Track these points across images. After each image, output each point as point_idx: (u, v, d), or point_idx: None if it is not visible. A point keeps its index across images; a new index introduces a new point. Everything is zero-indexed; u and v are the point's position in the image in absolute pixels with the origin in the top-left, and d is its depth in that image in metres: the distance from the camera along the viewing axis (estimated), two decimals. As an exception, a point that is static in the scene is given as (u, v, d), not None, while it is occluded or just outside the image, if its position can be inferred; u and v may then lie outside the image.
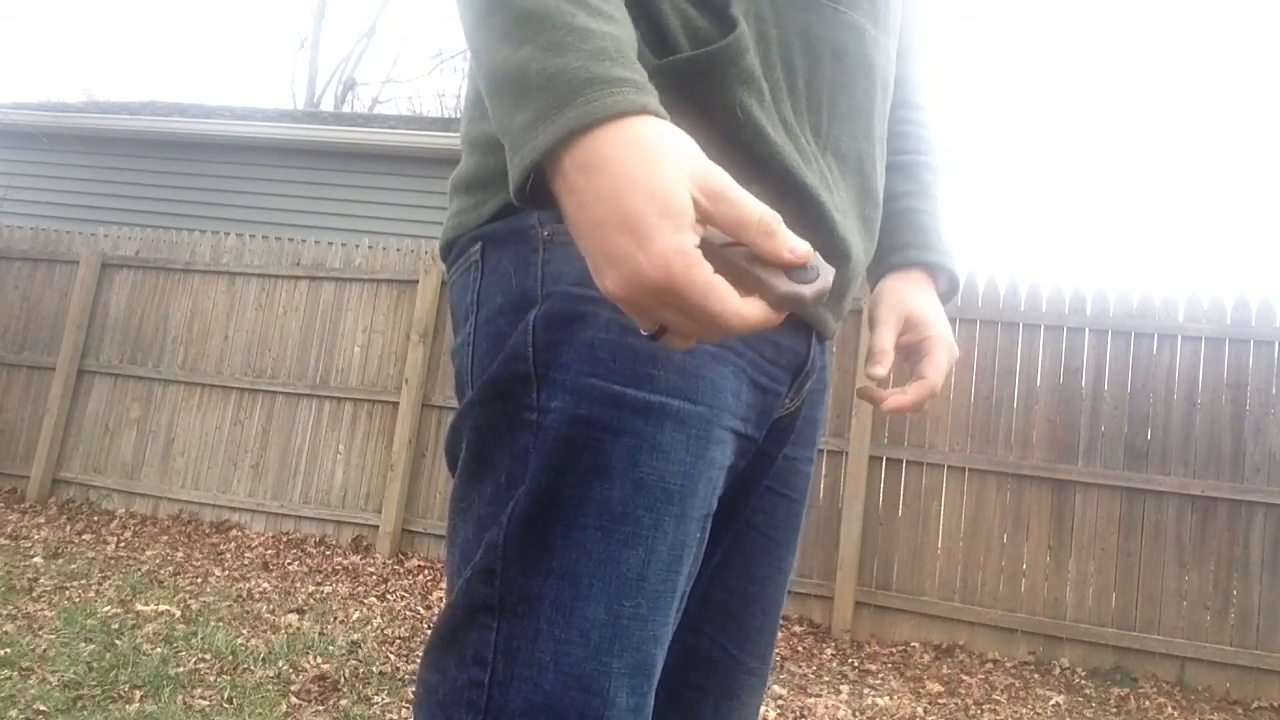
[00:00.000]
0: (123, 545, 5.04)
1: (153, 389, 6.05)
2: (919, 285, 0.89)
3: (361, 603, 4.28)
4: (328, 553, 5.24)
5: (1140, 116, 26.73)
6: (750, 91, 0.65)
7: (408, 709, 2.96)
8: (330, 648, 3.48)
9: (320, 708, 2.90)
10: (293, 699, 2.94)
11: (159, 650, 3.24)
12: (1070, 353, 4.57)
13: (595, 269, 0.51)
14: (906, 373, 0.88)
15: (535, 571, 0.59)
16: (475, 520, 0.63)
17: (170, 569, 4.57)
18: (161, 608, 3.78)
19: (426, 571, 5.01)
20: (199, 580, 4.42)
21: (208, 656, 3.23)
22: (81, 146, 8.41)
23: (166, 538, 5.31)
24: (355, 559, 5.14)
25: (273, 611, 3.95)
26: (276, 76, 35.12)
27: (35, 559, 4.49)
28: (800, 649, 4.26)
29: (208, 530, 5.56)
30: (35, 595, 3.84)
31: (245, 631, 3.60)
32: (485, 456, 0.64)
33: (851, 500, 4.63)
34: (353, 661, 3.37)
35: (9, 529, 5.11)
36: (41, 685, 2.78)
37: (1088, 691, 3.96)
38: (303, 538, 5.47)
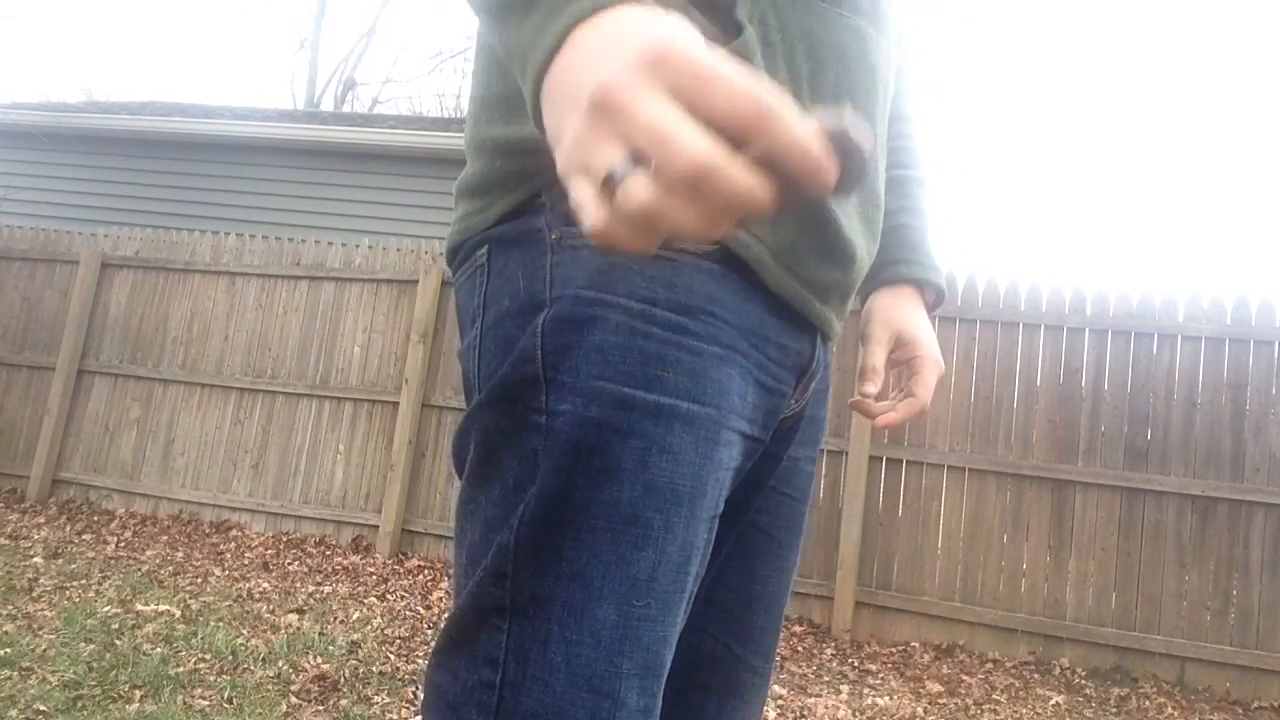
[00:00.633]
0: (123, 545, 5.04)
1: (153, 389, 6.04)
2: (909, 302, 0.93)
3: (361, 603, 4.28)
4: (328, 553, 5.24)
5: (1140, 116, 26.73)
6: None
7: (408, 709, 2.96)
8: (330, 648, 3.48)
9: (320, 708, 2.90)
10: (293, 699, 2.94)
11: (159, 650, 3.24)
12: (1070, 353, 4.57)
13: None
14: (897, 384, 0.93)
15: (546, 573, 0.59)
16: (483, 522, 0.63)
17: (170, 569, 4.57)
18: (161, 608, 3.78)
19: (426, 571, 5.01)
20: (199, 580, 4.41)
21: (208, 656, 3.23)
22: (81, 146, 8.41)
23: (166, 538, 5.31)
24: (355, 559, 5.14)
25: (273, 611, 3.95)
26: (276, 76, 35.13)
27: (35, 559, 4.49)
28: (800, 649, 4.26)
29: (208, 530, 5.56)
30: (35, 595, 3.84)
31: (245, 631, 3.60)
32: (493, 459, 0.64)
33: (851, 500, 4.63)
34: (353, 661, 3.37)
35: (9, 529, 5.11)
36: (41, 685, 2.78)
37: (1088, 691, 3.96)
38: (303, 538, 5.47)
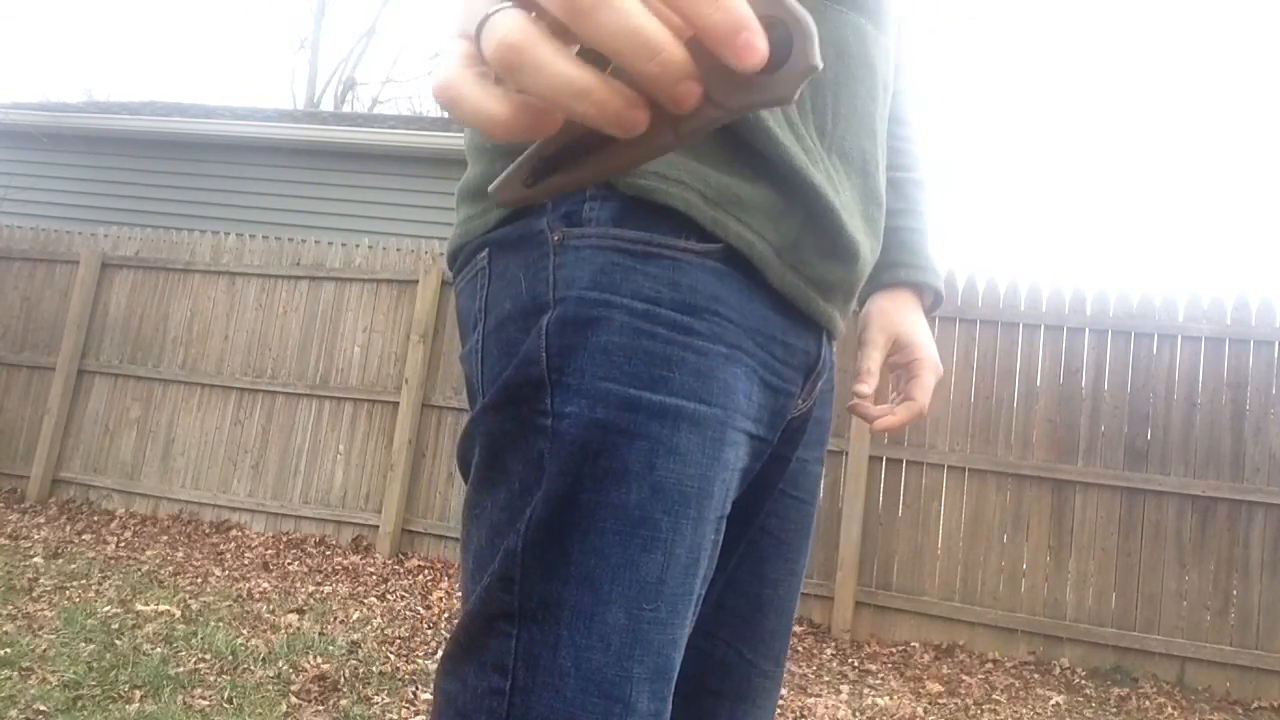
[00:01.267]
0: (123, 545, 5.04)
1: (153, 389, 6.04)
2: (907, 305, 0.93)
3: (361, 603, 4.28)
4: (328, 553, 5.24)
5: (1141, 116, 26.73)
6: None
7: (408, 709, 2.96)
8: (330, 648, 3.48)
9: (320, 708, 2.90)
10: (293, 699, 2.94)
11: (159, 650, 3.24)
12: (1070, 353, 4.57)
13: None
14: (895, 387, 0.93)
15: (554, 577, 0.59)
16: (489, 526, 0.63)
17: (170, 569, 4.57)
18: (161, 608, 3.78)
19: (426, 571, 5.01)
20: (199, 580, 4.41)
21: (208, 656, 3.23)
22: (81, 146, 8.41)
23: (166, 538, 5.31)
24: (355, 559, 5.14)
25: (273, 611, 3.95)
26: (276, 76, 35.15)
27: (35, 559, 4.49)
28: (800, 649, 4.26)
29: (208, 530, 5.56)
30: (35, 595, 3.84)
31: (245, 631, 3.60)
32: (498, 462, 0.63)
33: (851, 500, 4.63)
34: (353, 661, 3.37)
35: (9, 529, 5.11)
36: (41, 685, 2.78)
37: (1088, 691, 3.96)
38: (303, 538, 5.46)
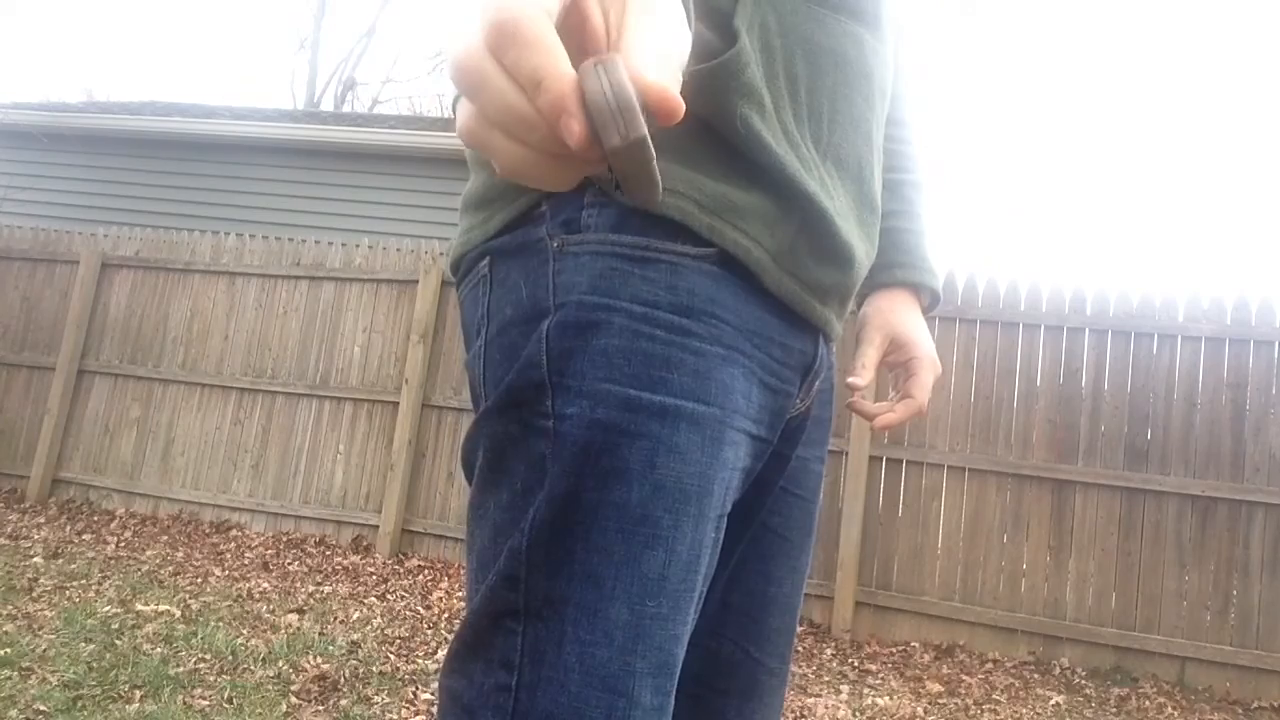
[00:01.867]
0: (123, 545, 5.04)
1: (153, 389, 6.04)
2: (904, 305, 0.95)
3: (361, 603, 4.28)
4: (328, 553, 5.24)
5: (1141, 116, 26.73)
6: (750, 103, 0.66)
7: (408, 709, 2.96)
8: (330, 648, 3.48)
9: (320, 708, 2.90)
10: (293, 699, 2.94)
11: (159, 650, 3.24)
12: (1070, 353, 4.57)
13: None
14: (894, 386, 0.95)
15: (559, 575, 0.59)
16: (492, 526, 0.64)
17: (170, 569, 4.57)
18: (161, 608, 3.78)
19: (426, 571, 5.01)
20: (199, 580, 4.41)
21: (208, 656, 3.23)
22: (81, 146, 8.41)
23: (166, 538, 5.31)
24: (355, 559, 5.14)
25: (273, 611, 3.95)
26: (276, 76, 35.15)
27: (35, 559, 4.49)
28: (800, 649, 4.26)
29: (208, 530, 5.56)
30: (35, 595, 3.84)
31: (245, 631, 3.60)
32: (501, 464, 0.64)
33: (851, 500, 4.63)
34: (353, 661, 3.37)
35: (9, 529, 5.11)
36: (41, 685, 2.78)
37: (1088, 691, 3.96)
38: (303, 538, 5.46)
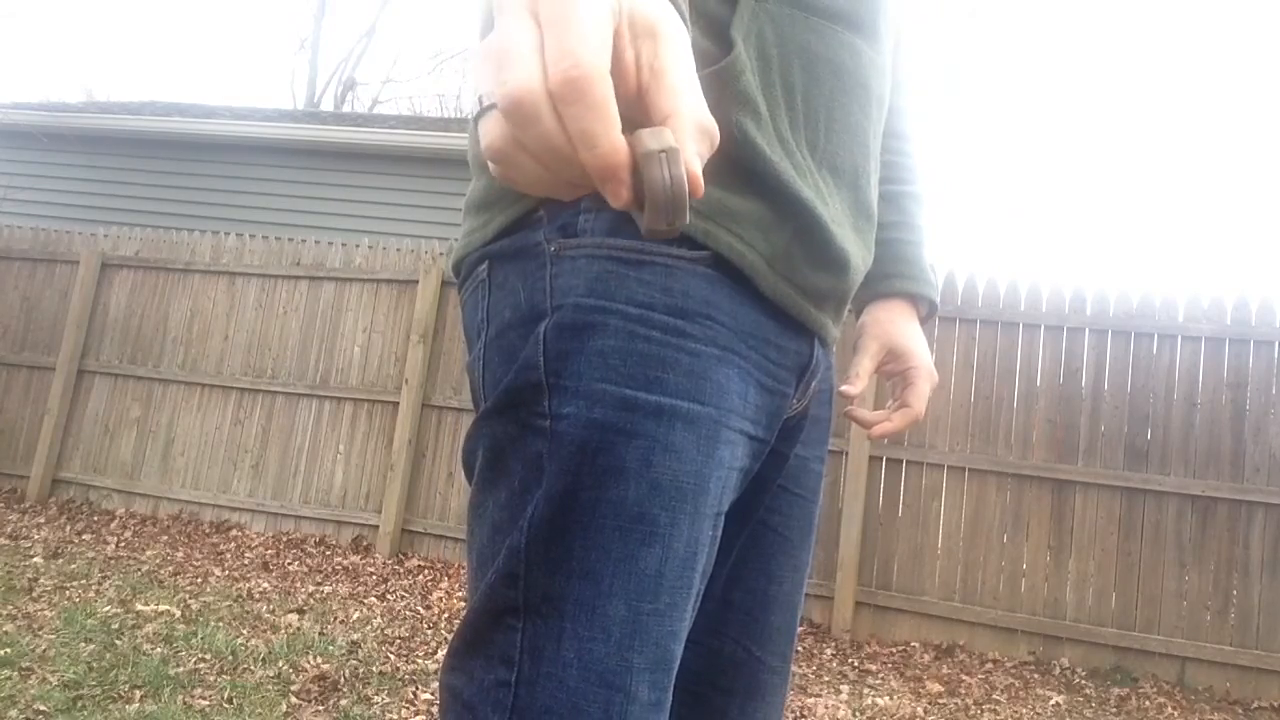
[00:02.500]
0: (123, 545, 5.04)
1: (153, 389, 6.04)
2: (902, 315, 0.96)
3: (361, 603, 4.28)
4: (328, 553, 5.24)
5: (1141, 116, 26.73)
6: (746, 111, 0.67)
7: (408, 709, 2.96)
8: (330, 648, 3.48)
9: (320, 708, 2.90)
10: (293, 699, 2.94)
11: (159, 650, 3.24)
12: (1070, 353, 4.57)
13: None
14: (893, 394, 0.97)
15: (557, 572, 0.61)
16: (490, 525, 0.65)
17: (170, 569, 4.57)
18: (161, 608, 3.78)
19: (426, 571, 5.01)
20: (199, 580, 4.41)
21: (208, 656, 3.23)
22: (81, 146, 8.41)
23: (166, 538, 5.31)
24: (355, 559, 5.14)
25: (273, 611, 3.95)
26: (276, 76, 35.12)
27: (35, 559, 4.49)
28: (800, 649, 4.26)
29: (208, 530, 5.56)
30: (35, 595, 3.84)
31: (245, 631, 3.60)
32: (499, 464, 0.65)
33: (851, 500, 4.63)
34: (353, 661, 3.37)
35: (9, 529, 5.11)
36: (41, 685, 2.78)
37: (1088, 691, 3.96)
38: (303, 538, 5.46)
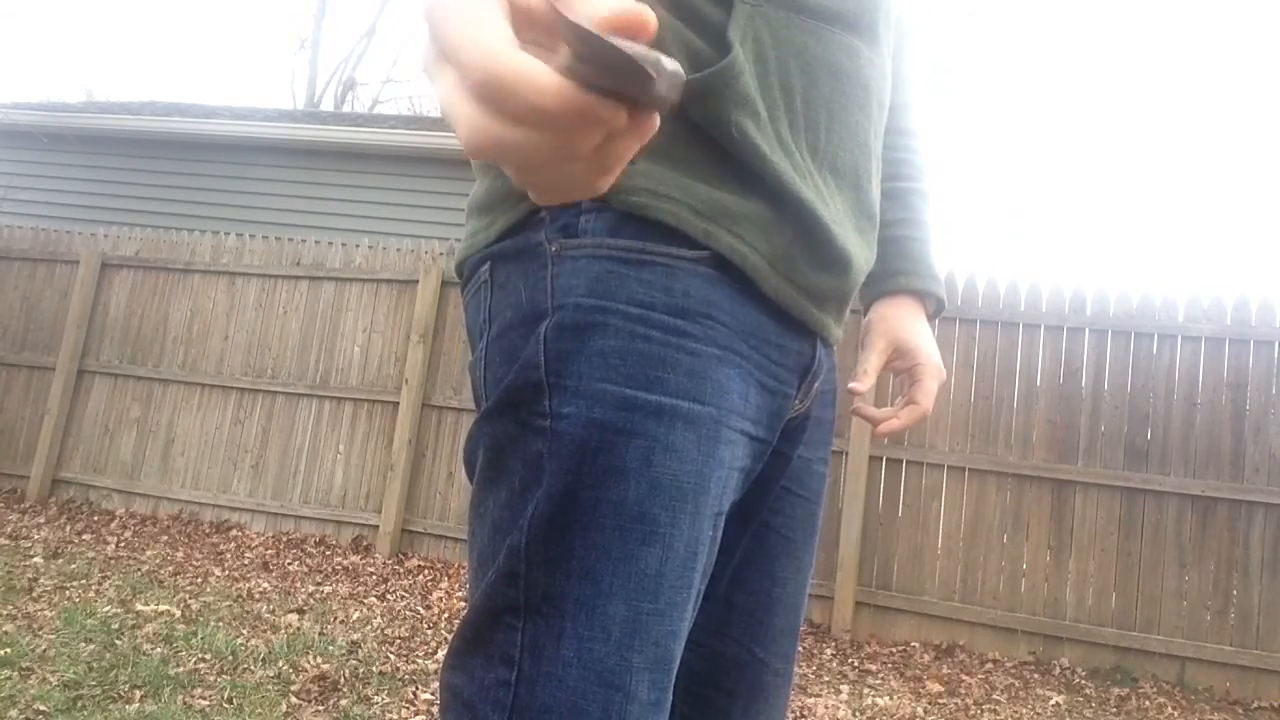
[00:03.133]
0: (123, 545, 5.04)
1: (153, 389, 6.04)
2: (909, 312, 0.96)
3: (361, 603, 4.28)
4: (328, 553, 5.24)
5: (1141, 116, 26.73)
6: (745, 112, 0.67)
7: (408, 709, 2.96)
8: (330, 648, 3.48)
9: (320, 708, 2.90)
10: (293, 699, 2.94)
11: (159, 650, 3.24)
12: (1070, 353, 4.57)
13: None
14: (900, 391, 0.97)
15: (557, 572, 0.61)
16: (490, 524, 0.65)
17: (170, 569, 4.57)
18: (161, 608, 3.78)
19: (426, 571, 5.01)
20: (199, 580, 4.41)
21: (208, 656, 3.23)
22: (81, 146, 8.41)
23: (166, 538, 5.31)
24: (355, 559, 5.14)
25: (273, 611, 3.95)
26: (276, 76, 35.14)
27: (35, 559, 4.49)
28: (800, 649, 4.26)
29: (208, 530, 5.56)
30: (35, 595, 3.84)
31: (245, 631, 3.60)
32: (499, 463, 0.66)
33: (851, 500, 4.63)
34: (353, 661, 3.37)
35: (9, 529, 5.11)
36: (41, 685, 2.78)
37: (1088, 691, 3.96)
38: (303, 538, 5.46)
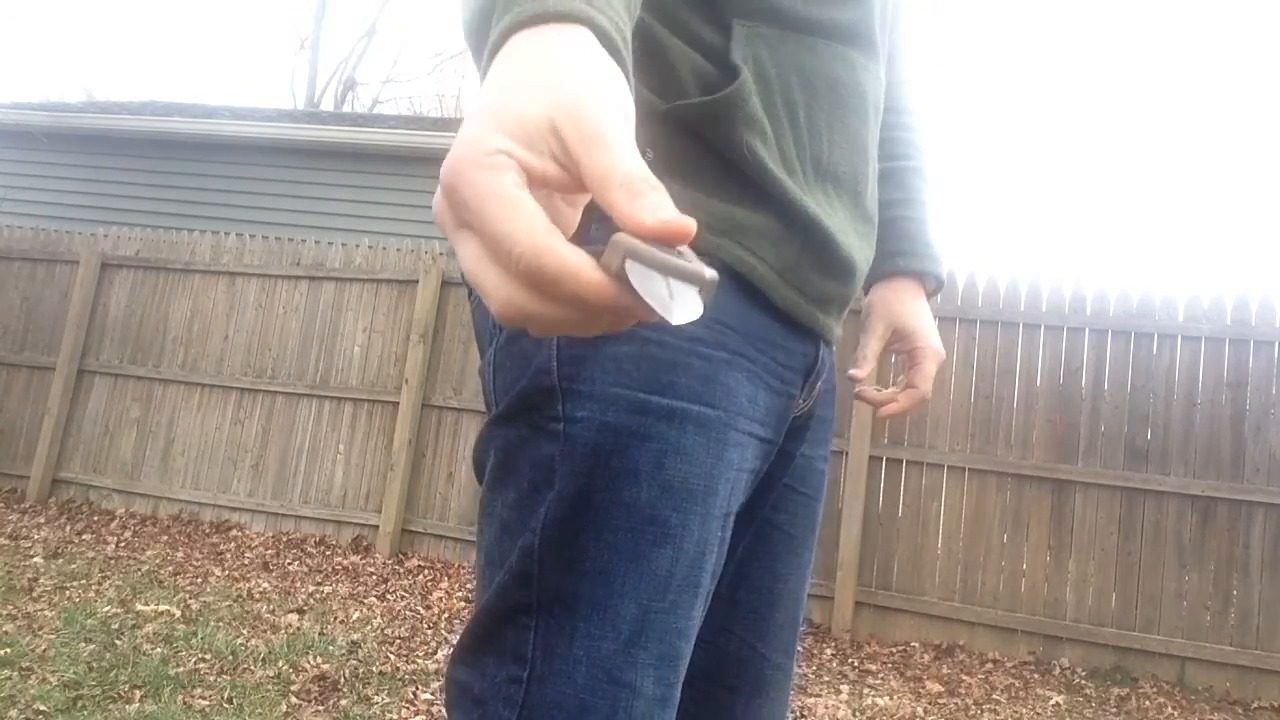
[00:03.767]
0: (123, 545, 5.04)
1: (153, 389, 6.04)
2: (908, 294, 0.96)
3: (361, 603, 4.28)
4: (328, 553, 5.24)
5: (1141, 115, 26.73)
6: (754, 132, 0.69)
7: (408, 709, 2.96)
8: (330, 648, 3.48)
9: (320, 708, 2.90)
10: (293, 699, 2.94)
11: (159, 650, 3.24)
12: (1070, 353, 4.57)
13: None
14: (899, 374, 0.94)
15: (570, 572, 0.62)
16: (499, 524, 0.66)
17: (170, 569, 4.57)
18: (161, 608, 3.78)
19: (426, 571, 5.01)
20: (199, 580, 4.41)
21: (208, 656, 3.23)
22: (81, 146, 8.41)
23: (166, 538, 5.31)
24: (355, 559, 5.14)
25: (273, 611, 3.95)
26: (276, 76, 35.12)
27: (35, 559, 4.49)
28: (800, 649, 4.26)
29: (208, 530, 5.56)
30: (35, 595, 3.84)
31: (245, 631, 3.60)
32: (510, 465, 0.67)
33: (851, 500, 4.63)
34: (353, 661, 3.37)
35: (9, 529, 5.11)
36: (41, 685, 2.78)
37: (1088, 691, 3.96)
38: (303, 538, 5.46)
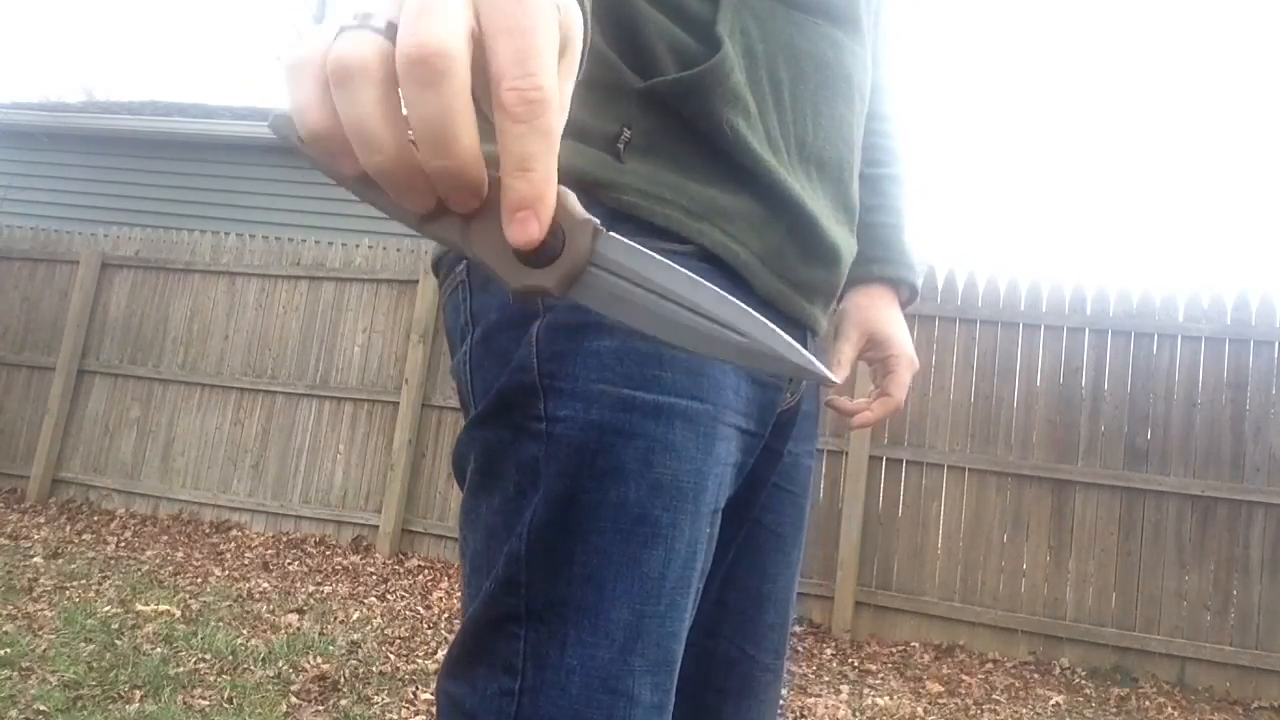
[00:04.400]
0: (123, 545, 5.04)
1: (153, 389, 6.04)
2: (882, 301, 0.95)
3: (361, 603, 4.28)
4: (328, 553, 5.24)
5: (1142, 115, 26.73)
6: (736, 109, 0.66)
7: (408, 709, 2.96)
8: (330, 648, 3.48)
9: (320, 708, 2.90)
10: (293, 699, 2.94)
11: (159, 650, 3.24)
12: (1070, 353, 4.57)
13: None
14: (872, 380, 0.96)
15: (559, 578, 0.59)
16: (484, 530, 0.64)
17: (170, 569, 4.57)
18: (161, 608, 3.78)
19: (426, 571, 5.01)
20: (199, 580, 4.41)
21: (208, 656, 3.23)
22: (81, 146, 8.41)
23: (166, 538, 5.31)
24: (355, 559, 5.14)
25: (273, 611, 3.95)
26: (276, 76, 35.13)
27: (35, 559, 4.49)
28: (800, 649, 4.26)
29: (208, 530, 5.56)
30: (35, 595, 3.84)
31: (245, 631, 3.60)
32: (493, 468, 0.64)
33: (851, 500, 4.63)
34: (353, 661, 3.37)
35: (9, 529, 5.11)
36: (41, 685, 2.78)
37: (1088, 691, 3.96)
38: (303, 538, 5.46)
